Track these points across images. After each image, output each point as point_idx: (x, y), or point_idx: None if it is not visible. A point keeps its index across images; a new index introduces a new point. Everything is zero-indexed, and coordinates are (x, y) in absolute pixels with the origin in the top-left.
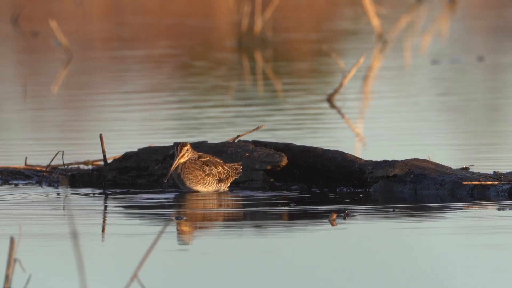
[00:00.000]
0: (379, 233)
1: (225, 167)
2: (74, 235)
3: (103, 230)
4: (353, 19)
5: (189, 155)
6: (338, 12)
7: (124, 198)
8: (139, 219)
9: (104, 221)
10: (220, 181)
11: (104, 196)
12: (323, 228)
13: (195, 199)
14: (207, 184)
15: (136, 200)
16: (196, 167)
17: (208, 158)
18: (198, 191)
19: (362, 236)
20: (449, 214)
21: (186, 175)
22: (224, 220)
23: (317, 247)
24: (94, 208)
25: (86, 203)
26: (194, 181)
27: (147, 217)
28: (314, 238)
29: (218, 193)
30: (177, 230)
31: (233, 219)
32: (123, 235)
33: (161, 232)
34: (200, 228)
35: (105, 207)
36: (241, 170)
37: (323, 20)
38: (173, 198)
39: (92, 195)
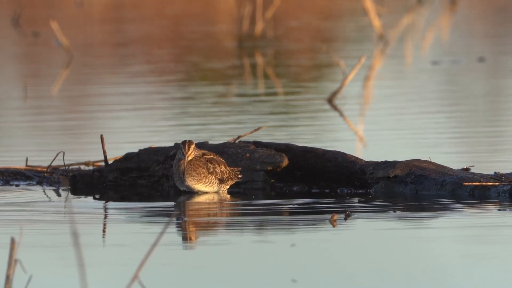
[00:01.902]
0: (380, 234)
1: (227, 167)
2: (75, 236)
3: (103, 231)
4: (354, 20)
5: (195, 153)
6: (339, 13)
7: (125, 199)
8: (140, 219)
9: (104, 222)
10: (221, 181)
11: (105, 196)
12: (324, 229)
13: (196, 200)
14: (208, 183)
15: (137, 200)
16: (200, 164)
17: (211, 156)
18: (197, 191)
19: (363, 237)
20: (450, 215)
21: (190, 172)
22: (225, 220)
23: (318, 248)
24: (95, 208)
25: (87, 204)
26: (197, 178)
27: (148, 217)
28: (314, 238)
29: (217, 194)
30: (178, 230)
31: (233, 219)
32: (123, 235)
33: (162, 233)
34: (200, 228)
35: (106, 208)
36: (240, 176)
37: (324, 20)
38: (174, 199)
39: (92, 195)
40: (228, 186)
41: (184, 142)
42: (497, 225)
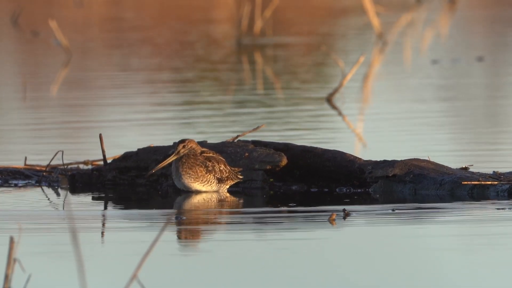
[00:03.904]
0: (378, 233)
1: (227, 166)
2: (74, 235)
3: (102, 230)
4: (353, 19)
5: (186, 151)
6: (338, 12)
7: (124, 198)
8: (139, 219)
9: (103, 221)
10: (220, 180)
11: (103, 196)
12: (323, 228)
13: (195, 199)
14: (206, 182)
15: (135, 200)
16: (197, 163)
17: (211, 154)
18: (195, 190)
19: (362, 236)
20: (449, 214)
21: (185, 169)
22: (224, 220)
23: (317, 247)
24: (94, 208)
25: (86, 203)
26: (193, 177)
27: (147, 217)
28: (313, 238)
29: (216, 193)
30: (177, 230)
31: (232, 219)
32: (122, 235)
33: (161, 232)
34: (199, 228)
35: (105, 207)
36: (241, 177)
37: (323, 20)
38: (173, 198)
39: (91, 195)
40: (228, 186)
41: (177, 141)
42: (496, 224)
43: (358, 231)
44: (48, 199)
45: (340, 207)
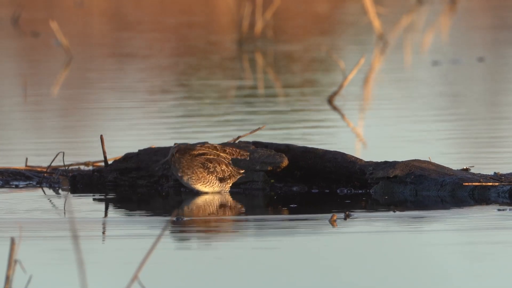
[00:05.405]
0: (379, 234)
1: (229, 166)
2: (75, 236)
3: (103, 231)
4: (353, 20)
5: (180, 155)
6: (338, 13)
7: (125, 199)
8: (139, 219)
9: (104, 222)
10: (222, 180)
11: (104, 197)
12: (324, 229)
13: (195, 200)
14: (208, 183)
15: (136, 201)
16: (195, 164)
17: (212, 156)
18: (197, 191)
19: (363, 237)
20: (450, 215)
21: (185, 171)
22: (224, 220)
23: (318, 248)
24: (95, 209)
25: (87, 204)
26: (194, 178)
27: (147, 218)
28: (314, 239)
29: (218, 194)
30: (177, 231)
31: (233, 220)
32: (123, 236)
33: (161, 233)
34: (200, 229)
35: (106, 208)
36: (242, 171)
37: (324, 20)
38: (174, 199)
39: (92, 196)
40: (230, 185)
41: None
42: (497, 225)
43: (359, 232)
44: (49, 200)
45: (341, 208)
